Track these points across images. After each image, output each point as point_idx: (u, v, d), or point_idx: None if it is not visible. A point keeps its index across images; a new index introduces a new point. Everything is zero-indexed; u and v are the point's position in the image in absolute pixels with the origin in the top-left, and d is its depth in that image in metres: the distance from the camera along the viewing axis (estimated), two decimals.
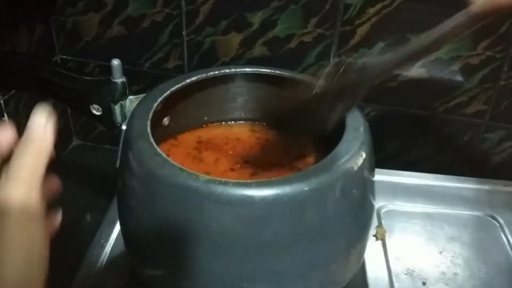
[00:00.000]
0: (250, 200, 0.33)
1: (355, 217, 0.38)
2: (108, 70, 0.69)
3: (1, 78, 0.50)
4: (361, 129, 0.39)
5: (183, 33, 0.64)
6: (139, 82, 0.68)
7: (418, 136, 0.69)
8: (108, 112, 0.44)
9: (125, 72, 0.45)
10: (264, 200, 0.33)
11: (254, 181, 0.33)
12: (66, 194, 0.64)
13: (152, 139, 0.38)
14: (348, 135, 0.38)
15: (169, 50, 0.66)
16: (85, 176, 0.70)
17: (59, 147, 0.74)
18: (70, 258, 0.53)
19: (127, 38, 0.66)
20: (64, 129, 0.74)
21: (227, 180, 0.33)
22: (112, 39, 0.66)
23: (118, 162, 0.41)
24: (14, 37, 0.59)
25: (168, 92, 0.43)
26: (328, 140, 0.40)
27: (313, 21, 0.60)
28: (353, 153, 0.36)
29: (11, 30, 0.58)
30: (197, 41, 0.64)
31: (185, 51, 0.66)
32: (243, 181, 0.33)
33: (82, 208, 0.63)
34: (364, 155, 0.37)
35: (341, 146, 0.37)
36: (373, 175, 0.41)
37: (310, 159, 0.46)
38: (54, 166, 0.70)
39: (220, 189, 0.33)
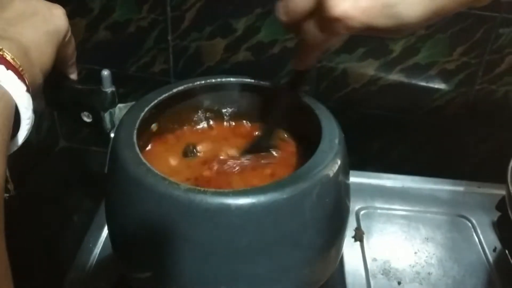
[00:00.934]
0: (227, 208, 0.34)
1: (330, 223, 0.40)
2: (95, 74, 0.70)
3: None
4: (336, 140, 0.40)
5: (169, 38, 0.65)
6: (125, 85, 0.70)
7: (397, 139, 0.71)
8: (98, 120, 0.45)
9: (111, 76, 0.46)
10: (240, 208, 0.34)
11: (231, 190, 0.35)
12: (52, 196, 0.65)
13: (137, 149, 0.39)
14: (323, 146, 0.40)
15: (155, 55, 0.67)
16: (71, 177, 0.71)
17: (46, 149, 0.75)
18: (58, 260, 0.55)
19: (114, 42, 0.66)
20: (50, 131, 0.75)
21: (206, 189, 0.35)
22: (99, 44, 0.67)
23: (106, 168, 0.43)
24: None
25: (155, 101, 0.45)
26: (307, 150, 0.42)
27: None
28: (327, 163, 0.38)
29: None
30: (183, 46, 0.66)
31: (171, 56, 0.67)
32: (221, 190, 0.35)
33: (69, 209, 0.64)
34: (337, 165, 0.39)
35: (316, 157, 0.38)
36: (348, 180, 0.42)
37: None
38: (41, 168, 0.71)
39: (199, 197, 0.34)
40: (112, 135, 0.43)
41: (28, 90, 0.32)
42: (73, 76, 0.45)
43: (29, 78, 0.33)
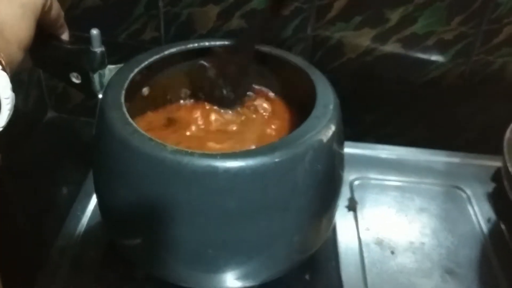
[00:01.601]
0: (214, 171, 0.33)
1: (322, 191, 0.39)
2: (83, 40, 0.68)
3: None
4: (331, 106, 0.39)
5: (160, 4, 0.63)
6: (115, 53, 0.67)
7: (393, 110, 0.70)
8: (87, 81, 0.44)
9: (100, 35, 0.45)
10: (227, 171, 0.33)
11: (219, 152, 0.34)
12: (41, 166, 0.64)
13: (124, 109, 0.38)
14: (317, 111, 0.39)
15: (146, 22, 0.65)
16: (60, 148, 0.70)
17: (34, 119, 0.74)
18: (47, 231, 0.54)
19: (103, 8, 0.65)
20: (38, 101, 0.73)
21: (193, 151, 0.34)
22: (87, 10, 0.65)
23: (94, 130, 0.42)
24: None
25: (146, 62, 0.43)
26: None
27: None
28: (319, 129, 0.37)
29: None
30: (174, 12, 0.64)
31: (162, 23, 0.65)
32: (209, 152, 0.34)
33: (57, 180, 0.63)
34: (331, 131, 0.38)
35: (309, 122, 0.37)
36: (342, 149, 0.42)
37: None
38: (29, 138, 0.70)
39: (186, 159, 0.33)
40: (100, 96, 0.42)
41: (4, 69, 0.31)
42: (64, 36, 0.44)
43: (6, 57, 0.31)
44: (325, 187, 0.39)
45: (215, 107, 0.50)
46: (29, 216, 0.57)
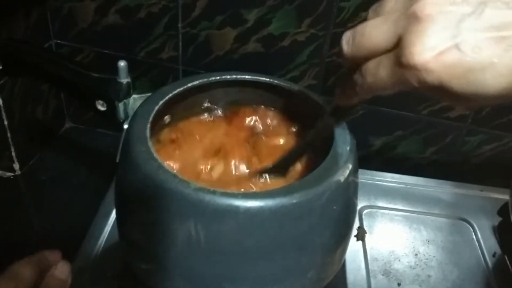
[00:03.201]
0: (235, 210, 0.35)
1: (337, 226, 0.40)
2: (103, 57, 0.69)
3: (5, 65, 0.51)
4: (347, 148, 0.41)
5: (179, 25, 0.65)
6: (133, 70, 0.69)
7: (401, 136, 0.71)
8: (112, 109, 0.45)
9: (119, 59, 0.46)
10: (248, 211, 0.35)
11: (240, 192, 0.35)
12: (59, 176, 0.66)
13: (150, 143, 0.39)
14: (334, 152, 0.40)
15: (164, 41, 0.66)
16: (77, 159, 0.71)
17: (52, 130, 0.75)
18: (64, 246, 0.55)
19: (123, 27, 0.66)
20: (57, 111, 0.75)
21: (216, 189, 0.35)
22: (108, 27, 0.66)
23: (118, 157, 0.43)
24: (11, 21, 0.59)
25: (170, 95, 0.45)
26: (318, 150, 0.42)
27: (307, 21, 0.62)
28: (336, 170, 0.38)
29: (9, 14, 0.58)
30: (192, 34, 0.65)
31: (180, 43, 0.66)
32: (231, 191, 0.35)
33: (74, 191, 0.64)
34: (348, 170, 0.39)
35: (326, 163, 0.39)
36: (356, 179, 0.42)
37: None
38: (46, 148, 0.70)
39: (208, 197, 0.35)
40: (125, 126, 0.43)
41: None
42: None
43: None
44: (340, 224, 0.41)
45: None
46: (45, 231, 0.58)
